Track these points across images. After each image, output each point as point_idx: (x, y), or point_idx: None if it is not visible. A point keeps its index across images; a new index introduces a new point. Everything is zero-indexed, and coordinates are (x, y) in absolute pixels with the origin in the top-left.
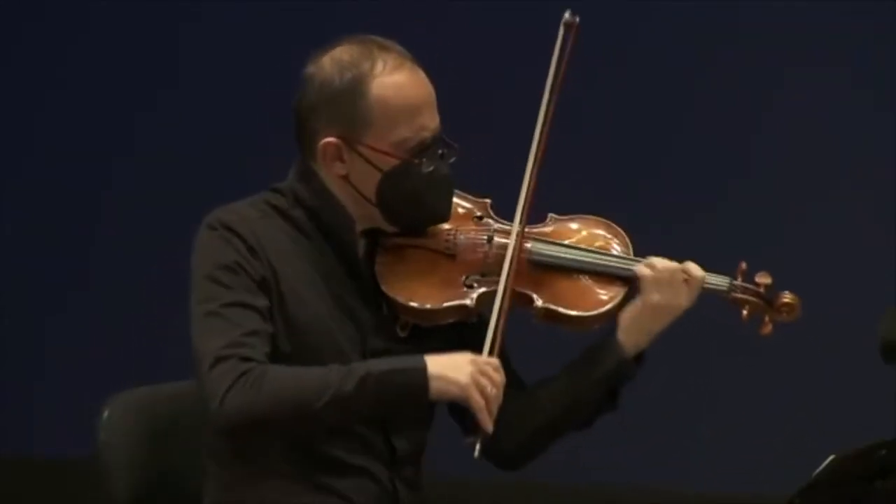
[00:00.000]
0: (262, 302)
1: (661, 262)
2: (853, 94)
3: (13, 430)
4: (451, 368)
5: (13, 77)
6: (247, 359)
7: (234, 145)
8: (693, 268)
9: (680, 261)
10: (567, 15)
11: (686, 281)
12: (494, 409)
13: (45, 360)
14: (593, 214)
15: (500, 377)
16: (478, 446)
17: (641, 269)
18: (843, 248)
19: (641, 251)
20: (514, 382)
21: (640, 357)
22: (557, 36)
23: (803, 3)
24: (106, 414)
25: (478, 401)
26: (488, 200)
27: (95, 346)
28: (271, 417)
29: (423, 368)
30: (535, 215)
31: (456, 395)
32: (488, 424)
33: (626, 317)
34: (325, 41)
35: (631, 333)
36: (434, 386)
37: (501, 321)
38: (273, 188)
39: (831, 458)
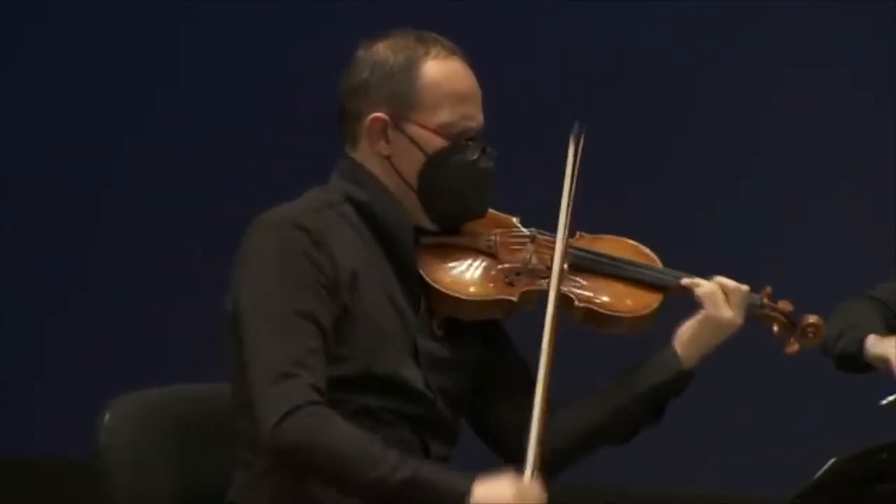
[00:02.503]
0: (327, 315)
1: (730, 282)
2: (853, 94)
3: (13, 430)
4: (493, 497)
5: (13, 77)
6: (313, 387)
7: (234, 145)
8: (744, 288)
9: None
10: (575, 128)
11: (740, 299)
12: None
13: (45, 360)
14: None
15: (541, 500)
16: None
17: (709, 286)
18: (843, 248)
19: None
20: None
21: (690, 374)
22: (568, 148)
23: (803, 3)
24: (107, 416)
25: None
26: (518, 217)
27: (95, 347)
28: (316, 464)
29: (464, 497)
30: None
31: None
32: None
33: (686, 331)
34: (327, 41)
35: (688, 348)
36: None
37: (541, 429)
38: (317, 189)
39: (832, 460)
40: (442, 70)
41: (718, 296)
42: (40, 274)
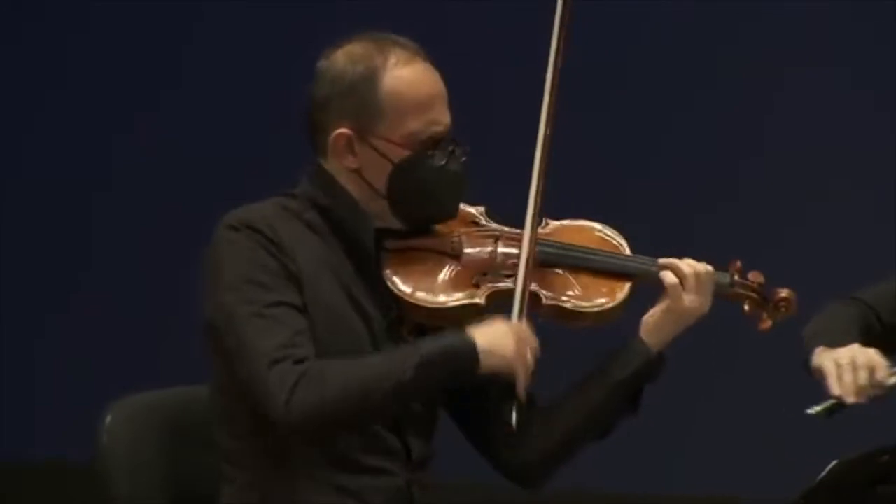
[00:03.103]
0: (299, 299)
1: (685, 266)
2: (853, 94)
3: (13, 432)
4: (496, 342)
5: (13, 77)
6: (300, 360)
7: (236, 146)
8: (709, 267)
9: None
10: None
11: (707, 283)
12: (530, 375)
13: (45, 362)
14: (588, 218)
15: (535, 342)
16: (514, 415)
17: (666, 274)
18: (842, 248)
19: (641, 251)
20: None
21: (661, 357)
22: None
23: (803, 3)
24: (108, 418)
25: (521, 371)
26: (483, 207)
27: (96, 349)
28: (340, 412)
29: (474, 348)
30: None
31: (502, 367)
32: (523, 394)
33: (650, 320)
34: (328, 40)
35: (654, 336)
36: (484, 362)
37: (526, 286)
38: (285, 193)
39: (834, 462)
40: (403, 78)
41: (689, 282)
42: (40, 275)
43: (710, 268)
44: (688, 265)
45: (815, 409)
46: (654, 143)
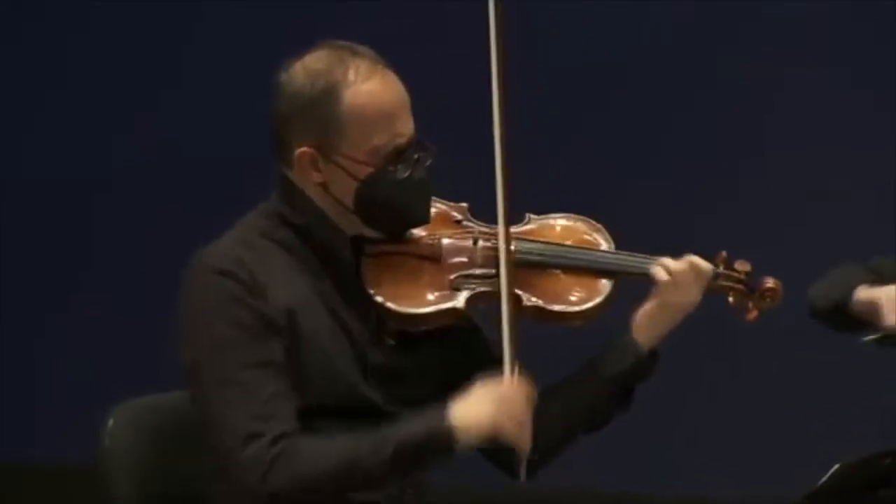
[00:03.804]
0: (278, 354)
1: (674, 264)
2: (853, 94)
3: (14, 434)
4: (472, 415)
5: (13, 77)
6: (276, 438)
7: (236, 145)
8: (700, 262)
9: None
10: None
11: (696, 277)
12: (528, 430)
13: (46, 364)
14: (588, 218)
15: (522, 395)
16: (522, 470)
17: (658, 271)
18: (842, 248)
19: (641, 251)
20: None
21: (654, 355)
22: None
23: (803, 3)
24: (110, 421)
25: (510, 433)
26: (465, 205)
27: (98, 351)
28: (314, 492)
29: (450, 431)
30: (515, 217)
31: (489, 436)
32: (525, 449)
33: (640, 316)
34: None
35: (644, 332)
36: (464, 439)
37: (513, 332)
38: (256, 211)
39: (836, 466)
40: (363, 94)
41: (678, 277)
42: (40, 275)
43: (701, 263)
44: (672, 263)
45: (868, 338)
46: (654, 143)
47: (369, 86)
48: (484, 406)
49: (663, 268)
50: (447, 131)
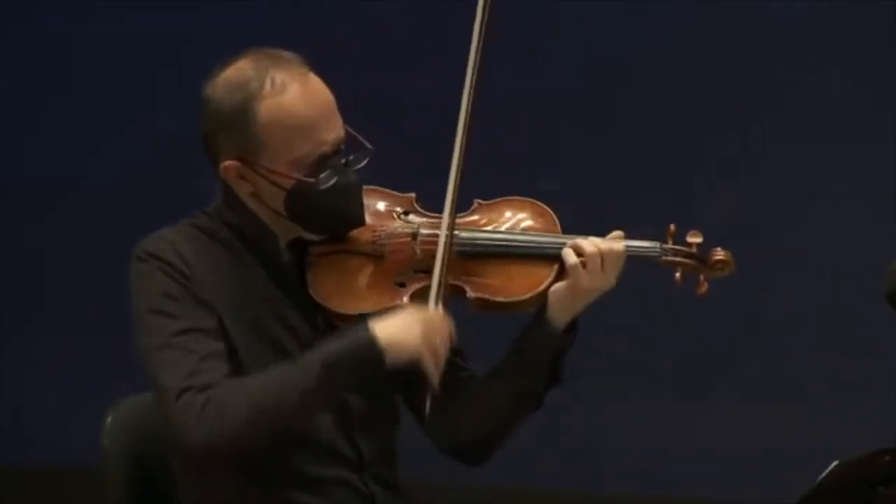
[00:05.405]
0: (210, 322)
1: (587, 246)
2: (853, 94)
3: (13, 433)
4: (400, 334)
5: (13, 77)
6: (205, 386)
7: None
8: (616, 245)
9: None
10: None
11: (608, 261)
12: (443, 363)
13: (45, 361)
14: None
15: (444, 326)
16: (428, 403)
17: (567, 254)
18: (843, 248)
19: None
20: (466, 377)
21: (572, 326)
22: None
23: (803, 3)
24: (109, 420)
25: (429, 361)
26: (413, 195)
27: (96, 348)
28: (249, 430)
29: (376, 345)
30: (463, 202)
31: (410, 358)
32: (436, 383)
33: (554, 298)
34: (329, 40)
35: (559, 312)
36: (390, 356)
37: (443, 272)
38: (203, 210)
39: (834, 464)
40: (280, 106)
41: (589, 261)
42: (40, 275)
43: (616, 246)
44: (591, 244)
45: None
46: (654, 143)
47: (286, 97)
48: (409, 326)
49: (574, 249)
50: (433, 124)
